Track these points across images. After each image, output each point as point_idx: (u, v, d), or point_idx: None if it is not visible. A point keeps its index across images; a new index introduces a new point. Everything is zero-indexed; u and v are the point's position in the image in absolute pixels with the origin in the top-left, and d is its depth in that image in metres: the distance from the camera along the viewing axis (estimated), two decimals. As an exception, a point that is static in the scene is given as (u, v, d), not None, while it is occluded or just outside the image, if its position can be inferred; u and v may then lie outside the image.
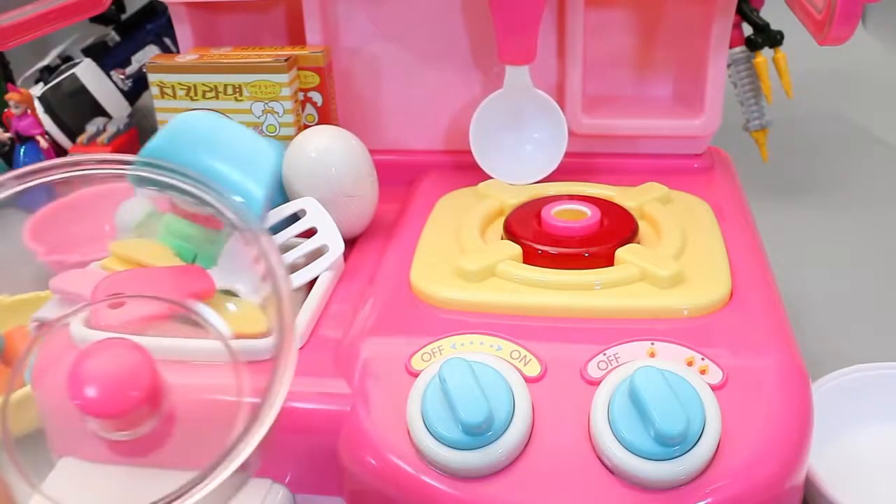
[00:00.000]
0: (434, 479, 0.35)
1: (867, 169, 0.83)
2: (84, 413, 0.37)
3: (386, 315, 0.43)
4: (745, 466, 0.34)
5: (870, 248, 0.70)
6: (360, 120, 0.58)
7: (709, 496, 0.34)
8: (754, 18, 0.73)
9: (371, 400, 0.38)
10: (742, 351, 0.39)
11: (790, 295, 0.44)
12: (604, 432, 0.35)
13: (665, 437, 0.33)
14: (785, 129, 0.77)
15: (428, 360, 0.39)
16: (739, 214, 0.50)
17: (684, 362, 0.37)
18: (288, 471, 0.40)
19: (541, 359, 0.38)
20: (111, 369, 0.38)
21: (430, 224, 0.49)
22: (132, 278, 0.43)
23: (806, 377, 0.38)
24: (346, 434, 0.38)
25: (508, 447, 0.35)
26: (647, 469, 0.34)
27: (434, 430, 0.35)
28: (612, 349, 0.38)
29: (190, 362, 0.41)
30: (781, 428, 0.36)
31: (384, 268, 0.47)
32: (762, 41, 0.72)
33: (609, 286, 0.42)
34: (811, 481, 0.42)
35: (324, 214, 0.48)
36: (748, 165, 0.60)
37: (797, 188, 0.80)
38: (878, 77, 1.03)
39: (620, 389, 0.35)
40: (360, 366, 0.40)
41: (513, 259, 0.44)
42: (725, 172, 0.56)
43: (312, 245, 0.47)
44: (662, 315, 0.41)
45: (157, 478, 0.41)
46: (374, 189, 0.52)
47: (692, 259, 0.44)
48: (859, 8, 0.42)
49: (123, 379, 0.38)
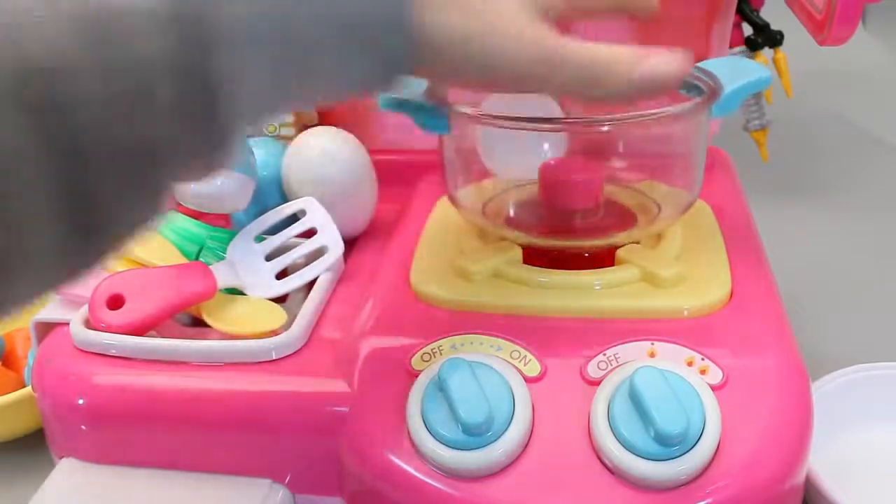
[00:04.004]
0: (434, 479, 0.35)
1: (867, 169, 0.83)
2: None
3: (386, 315, 0.43)
4: (745, 466, 0.34)
5: (870, 248, 0.70)
6: (361, 120, 0.58)
7: (709, 496, 0.34)
8: (754, 18, 0.73)
9: (371, 400, 0.38)
10: (742, 351, 0.39)
11: (790, 295, 0.44)
12: (604, 432, 0.35)
13: (665, 437, 0.33)
14: (785, 129, 0.77)
15: (428, 361, 0.39)
16: (739, 214, 0.50)
17: (684, 362, 0.37)
18: (288, 471, 0.40)
19: (541, 359, 0.38)
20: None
21: (430, 224, 0.49)
22: (133, 278, 0.43)
23: (806, 377, 0.38)
24: (346, 434, 0.38)
25: (508, 447, 0.35)
26: (647, 469, 0.34)
27: (434, 430, 0.35)
28: (612, 349, 0.38)
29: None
30: (781, 428, 0.36)
31: (384, 268, 0.47)
32: (762, 41, 0.72)
33: (609, 286, 0.42)
34: (811, 481, 0.42)
35: (324, 215, 0.48)
36: (748, 165, 0.60)
37: (797, 188, 0.80)
38: (878, 77, 1.03)
39: (620, 389, 0.35)
40: (360, 366, 0.40)
41: (513, 259, 0.44)
42: (725, 172, 0.56)
43: (312, 245, 0.47)
44: (662, 315, 0.41)
45: (156, 478, 0.41)
46: (374, 189, 0.52)
47: (692, 259, 0.44)
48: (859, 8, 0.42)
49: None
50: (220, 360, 0.41)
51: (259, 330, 0.42)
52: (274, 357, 0.41)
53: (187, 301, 0.43)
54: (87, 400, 0.41)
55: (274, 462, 0.40)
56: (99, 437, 0.41)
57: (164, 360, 0.41)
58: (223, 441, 0.40)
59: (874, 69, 1.04)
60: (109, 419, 0.41)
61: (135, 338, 0.42)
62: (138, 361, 0.41)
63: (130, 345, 0.41)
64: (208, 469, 0.41)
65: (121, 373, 0.41)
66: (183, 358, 0.41)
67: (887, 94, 0.98)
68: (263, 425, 0.40)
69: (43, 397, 0.42)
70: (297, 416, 0.39)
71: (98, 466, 0.42)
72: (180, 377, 0.41)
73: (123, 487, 0.41)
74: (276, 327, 0.42)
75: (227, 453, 0.40)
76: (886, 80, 1.02)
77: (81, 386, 0.41)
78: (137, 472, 0.41)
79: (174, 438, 0.41)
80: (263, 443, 0.40)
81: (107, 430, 0.41)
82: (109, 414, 0.41)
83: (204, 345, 0.42)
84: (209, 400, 0.40)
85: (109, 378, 0.41)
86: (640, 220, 0.46)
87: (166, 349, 0.41)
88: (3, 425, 0.49)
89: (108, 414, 0.41)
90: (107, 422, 0.41)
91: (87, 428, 0.41)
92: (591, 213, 0.46)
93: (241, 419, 0.40)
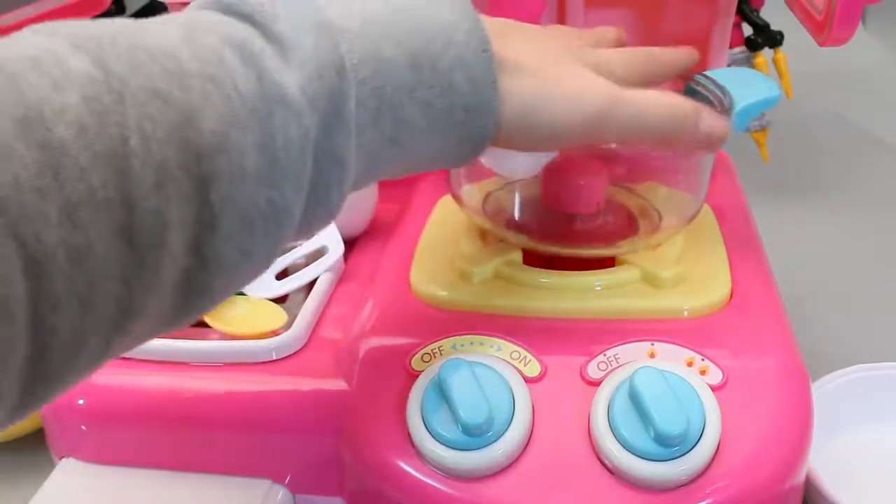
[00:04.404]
0: (434, 479, 0.35)
1: (867, 169, 0.83)
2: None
3: (386, 316, 0.43)
4: (745, 466, 0.34)
5: (870, 248, 0.70)
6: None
7: (709, 496, 0.34)
8: (754, 19, 0.73)
9: (371, 400, 0.38)
10: (742, 351, 0.39)
11: (790, 295, 0.44)
12: (604, 433, 0.35)
13: (665, 438, 0.33)
14: (785, 129, 0.77)
15: (428, 361, 0.39)
16: (739, 215, 0.50)
17: (684, 363, 0.37)
18: (288, 471, 0.40)
19: (541, 359, 0.38)
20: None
21: (430, 224, 0.49)
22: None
23: (806, 377, 0.38)
24: (346, 434, 0.38)
25: (508, 448, 0.35)
26: (647, 469, 0.34)
27: (434, 431, 0.35)
28: (612, 350, 0.38)
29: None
30: (781, 428, 0.36)
31: (384, 268, 0.47)
32: (762, 41, 0.72)
33: (609, 287, 0.42)
34: (811, 481, 0.42)
35: (324, 215, 0.48)
36: (748, 166, 0.60)
37: (797, 188, 0.80)
38: (878, 77, 1.03)
39: (620, 390, 0.35)
40: (360, 366, 0.40)
41: (513, 260, 0.44)
42: (725, 173, 0.56)
43: (312, 246, 0.47)
44: (662, 316, 0.41)
45: (156, 478, 0.41)
46: (374, 189, 0.52)
47: (692, 260, 0.44)
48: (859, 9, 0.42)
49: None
50: (220, 360, 0.41)
51: (259, 330, 0.42)
52: (274, 357, 0.41)
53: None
54: (87, 400, 0.41)
55: (274, 462, 0.40)
56: (99, 437, 0.41)
57: (164, 360, 0.41)
58: (223, 441, 0.40)
59: (874, 69, 1.04)
60: (109, 419, 0.41)
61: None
62: (138, 361, 0.41)
63: (130, 345, 0.41)
64: (208, 469, 0.41)
65: (121, 373, 0.41)
66: (183, 358, 0.41)
67: (887, 94, 0.98)
68: (263, 425, 0.40)
69: (43, 397, 0.42)
70: (297, 416, 0.39)
71: (98, 466, 0.42)
72: (180, 377, 0.41)
73: (123, 487, 0.41)
74: (277, 327, 0.42)
75: (227, 453, 0.40)
76: (886, 80, 1.02)
77: (81, 386, 0.41)
78: (137, 472, 0.41)
79: (174, 438, 0.41)
80: (263, 443, 0.40)
81: (107, 430, 0.41)
82: (109, 414, 0.41)
83: (204, 345, 0.42)
84: (209, 400, 0.40)
85: (109, 378, 0.41)
86: (642, 227, 0.46)
87: (166, 349, 0.41)
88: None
89: (108, 414, 0.41)
90: (107, 422, 0.41)
91: (87, 428, 0.41)
92: (592, 217, 0.46)
93: (241, 419, 0.40)
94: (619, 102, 0.34)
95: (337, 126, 0.29)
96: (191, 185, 0.25)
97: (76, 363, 0.25)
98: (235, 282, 0.29)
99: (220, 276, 0.27)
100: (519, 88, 0.33)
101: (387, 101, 0.30)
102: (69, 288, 0.23)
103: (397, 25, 0.30)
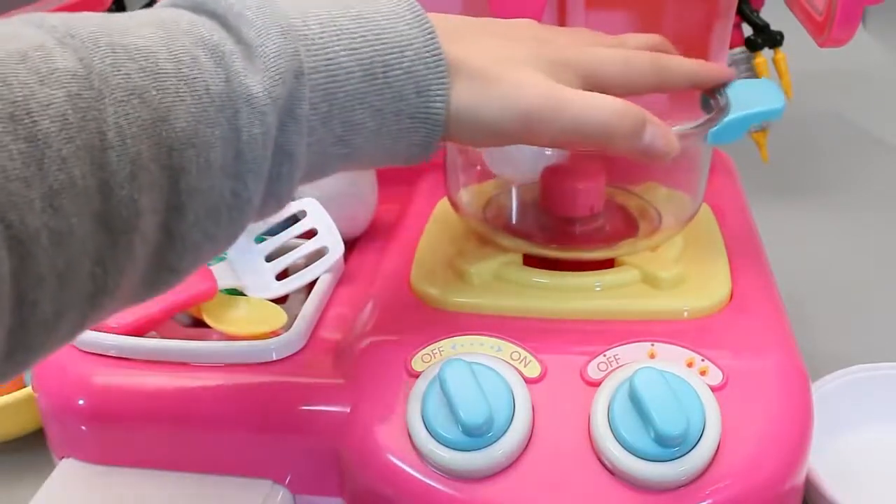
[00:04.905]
0: (434, 479, 0.35)
1: (867, 169, 0.83)
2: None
3: (386, 316, 0.43)
4: (745, 467, 0.34)
5: (870, 248, 0.70)
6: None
7: (709, 497, 0.34)
8: (754, 19, 0.73)
9: (371, 401, 0.38)
10: (742, 352, 0.39)
11: (790, 295, 0.44)
12: (604, 433, 0.35)
13: (665, 439, 0.33)
14: (785, 129, 0.77)
15: (428, 362, 0.39)
16: (739, 215, 0.50)
17: (684, 363, 0.37)
18: (288, 471, 0.40)
19: (541, 360, 0.38)
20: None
21: (430, 225, 0.49)
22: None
23: (806, 377, 0.38)
24: (346, 434, 0.38)
25: (508, 448, 0.35)
26: (647, 470, 0.34)
27: (434, 431, 0.35)
28: (612, 350, 0.38)
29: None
30: (781, 428, 0.36)
31: (384, 269, 0.47)
32: (762, 42, 0.72)
33: (609, 287, 0.42)
34: (811, 481, 0.42)
35: (324, 215, 0.48)
36: (748, 166, 0.60)
37: (797, 188, 0.80)
38: (878, 77, 1.03)
39: (620, 391, 0.35)
40: (360, 367, 0.40)
41: (513, 260, 0.44)
42: (725, 173, 0.56)
43: (312, 246, 0.47)
44: (662, 316, 0.41)
45: (157, 478, 0.41)
46: (374, 189, 0.52)
47: (692, 260, 0.44)
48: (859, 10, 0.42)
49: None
50: (220, 360, 0.41)
51: (259, 331, 0.42)
52: (274, 357, 0.41)
53: (187, 302, 0.43)
54: (87, 400, 0.41)
55: (274, 462, 0.40)
56: (99, 437, 0.41)
57: (164, 361, 0.41)
58: (223, 441, 0.40)
59: (874, 69, 1.04)
60: (109, 419, 0.41)
61: (135, 338, 0.42)
62: (138, 362, 0.41)
63: (130, 345, 0.41)
64: (208, 469, 0.41)
65: (121, 373, 0.41)
66: (183, 358, 0.41)
67: (887, 94, 0.98)
68: (263, 425, 0.40)
69: (43, 397, 0.42)
70: (297, 416, 0.39)
71: (98, 466, 0.42)
72: (180, 377, 0.41)
73: (123, 487, 0.41)
74: (277, 328, 0.42)
75: (227, 453, 0.41)
76: (886, 80, 1.02)
77: (81, 386, 0.41)
78: (137, 473, 0.41)
79: (174, 438, 0.41)
80: (263, 443, 0.40)
81: (107, 430, 0.41)
82: (109, 414, 0.41)
83: (204, 345, 0.42)
84: (209, 400, 0.40)
85: (109, 378, 0.41)
86: (642, 228, 0.46)
87: (166, 349, 0.41)
88: (3, 425, 0.49)
89: (108, 414, 0.41)
90: (107, 422, 0.41)
91: (87, 428, 0.41)
92: (591, 220, 0.45)
93: (241, 419, 0.40)
94: (557, 103, 0.34)
95: (291, 124, 0.31)
96: (162, 176, 0.27)
97: (55, 334, 0.27)
98: (200, 261, 0.31)
99: (187, 257, 0.30)
100: (462, 91, 0.34)
101: (338, 104, 0.32)
102: (50, 267, 0.25)
103: (355, 35, 0.32)
